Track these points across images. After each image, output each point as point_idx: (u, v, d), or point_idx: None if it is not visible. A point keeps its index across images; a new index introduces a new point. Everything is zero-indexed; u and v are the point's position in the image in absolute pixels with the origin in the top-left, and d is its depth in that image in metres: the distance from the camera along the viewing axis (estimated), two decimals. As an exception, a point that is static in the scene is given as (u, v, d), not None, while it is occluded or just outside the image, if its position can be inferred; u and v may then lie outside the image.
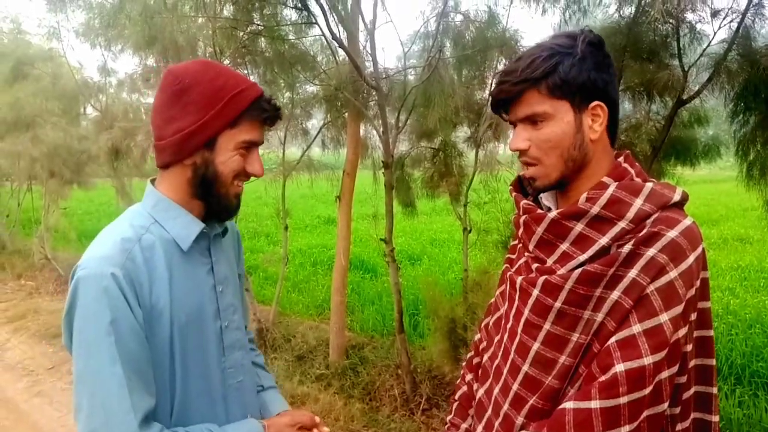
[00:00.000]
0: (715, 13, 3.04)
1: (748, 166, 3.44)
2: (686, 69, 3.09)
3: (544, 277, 1.08)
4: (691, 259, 0.98)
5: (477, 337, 1.44)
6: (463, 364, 1.48)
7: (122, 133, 5.75)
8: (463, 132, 4.50)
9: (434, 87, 3.43)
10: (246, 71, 4.58)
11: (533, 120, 1.07)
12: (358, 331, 5.39)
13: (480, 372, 1.33)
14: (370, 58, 3.64)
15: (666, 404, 0.98)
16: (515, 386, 1.12)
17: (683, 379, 1.03)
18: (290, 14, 3.76)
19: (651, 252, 0.98)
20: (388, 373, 4.21)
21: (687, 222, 1.00)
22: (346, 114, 4.46)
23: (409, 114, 3.71)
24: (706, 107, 3.69)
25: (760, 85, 3.08)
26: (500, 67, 3.86)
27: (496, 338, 1.26)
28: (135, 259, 1.08)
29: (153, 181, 1.22)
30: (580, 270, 1.03)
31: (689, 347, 1.02)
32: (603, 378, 0.97)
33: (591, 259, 1.04)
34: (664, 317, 0.96)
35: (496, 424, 1.16)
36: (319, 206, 14.11)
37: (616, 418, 0.95)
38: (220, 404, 1.23)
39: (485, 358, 1.31)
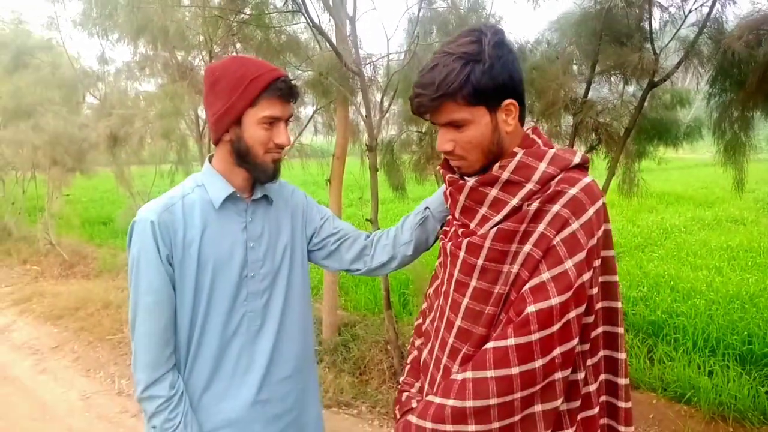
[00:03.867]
0: (684, -2, 3.12)
1: (725, 146, 3.54)
2: (658, 52, 3.18)
3: (467, 239, 1.22)
4: (591, 212, 1.12)
5: (424, 305, 1.57)
6: (413, 331, 1.61)
7: (120, 120, 5.86)
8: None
9: (415, 72, 3.52)
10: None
11: (454, 125, 1.19)
12: (351, 310, 5.54)
13: (424, 335, 1.48)
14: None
15: (576, 340, 1.12)
16: (451, 340, 1.26)
17: (590, 319, 1.17)
18: (276, 1, 3.87)
19: (555, 208, 1.13)
20: (377, 348, 4.36)
21: (586, 180, 1.15)
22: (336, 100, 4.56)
23: (392, 98, 3.82)
24: (688, 89, 3.78)
25: (731, 68, 3.16)
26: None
27: (436, 303, 1.39)
28: (175, 211, 1.40)
29: (210, 158, 1.51)
30: (495, 229, 1.18)
31: (595, 290, 1.15)
32: (517, 319, 1.11)
33: (505, 219, 1.18)
34: (568, 263, 1.10)
35: (438, 377, 1.29)
36: (309, 188, 14.16)
37: (529, 352, 1.09)
38: (228, 339, 1.48)
39: (427, 322, 1.45)
